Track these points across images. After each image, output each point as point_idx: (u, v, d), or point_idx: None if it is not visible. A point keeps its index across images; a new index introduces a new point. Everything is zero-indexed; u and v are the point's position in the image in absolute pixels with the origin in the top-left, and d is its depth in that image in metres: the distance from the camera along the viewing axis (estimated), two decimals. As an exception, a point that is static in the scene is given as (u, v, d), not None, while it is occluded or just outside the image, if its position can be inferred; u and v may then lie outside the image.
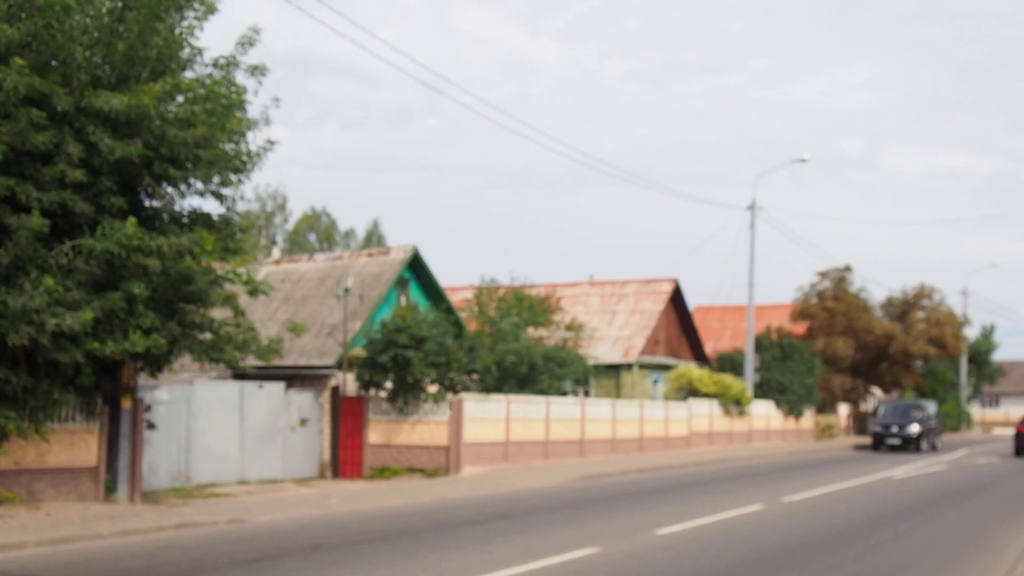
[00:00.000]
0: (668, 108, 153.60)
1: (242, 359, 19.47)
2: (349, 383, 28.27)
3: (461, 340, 28.63)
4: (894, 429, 43.48)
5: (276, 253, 36.63)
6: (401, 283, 32.62)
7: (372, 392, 27.23)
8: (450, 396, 27.28)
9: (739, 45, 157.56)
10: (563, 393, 36.53)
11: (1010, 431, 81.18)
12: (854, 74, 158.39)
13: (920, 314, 59.83)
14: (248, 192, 77.92)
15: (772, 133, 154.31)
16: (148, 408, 20.84)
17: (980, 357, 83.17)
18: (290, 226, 73.41)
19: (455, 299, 46.90)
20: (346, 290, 29.48)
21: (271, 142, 19.18)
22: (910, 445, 43.08)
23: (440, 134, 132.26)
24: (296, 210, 76.23)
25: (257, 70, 19.07)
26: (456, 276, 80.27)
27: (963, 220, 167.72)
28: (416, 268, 33.23)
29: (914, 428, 43.48)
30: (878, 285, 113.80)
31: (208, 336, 18.82)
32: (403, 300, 31.65)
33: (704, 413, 40.15)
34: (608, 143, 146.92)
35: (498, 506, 20.11)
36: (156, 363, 18.98)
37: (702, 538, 15.94)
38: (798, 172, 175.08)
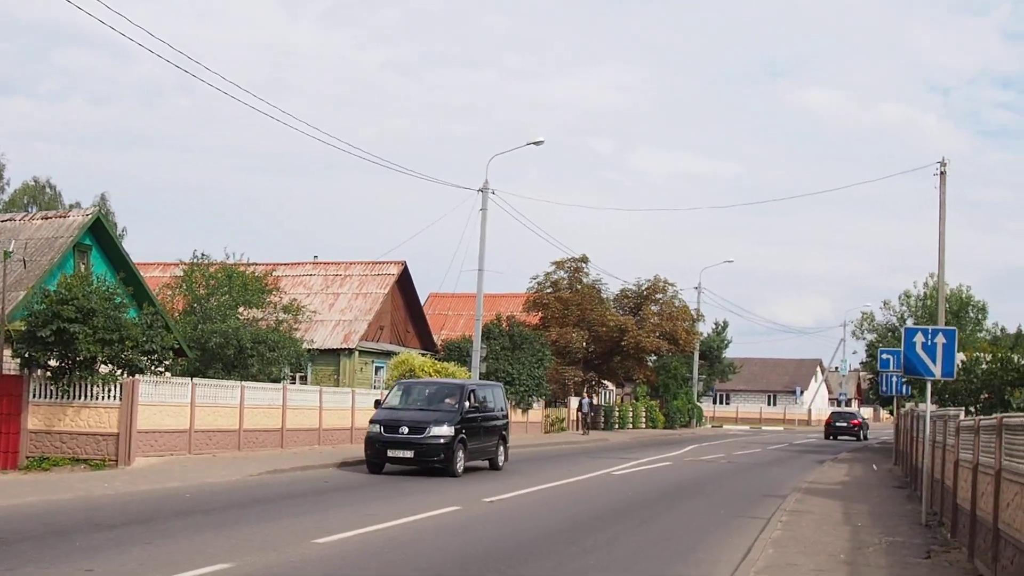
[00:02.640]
0: (424, 100, 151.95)
1: None
2: (7, 361, 24.50)
3: (142, 316, 25.13)
4: (402, 432, 23.89)
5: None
6: (80, 250, 28.67)
7: (37, 372, 23.59)
8: (123, 378, 23.82)
9: (495, 40, 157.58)
10: (276, 379, 33.38)
11: (740, 428, 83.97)
12: (605, 76, 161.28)
13: (654, 308, 59.52)
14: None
15: (525, 128, 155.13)
16: None
17: (712, 354, 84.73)
18: (6, 196, 67.65)
19: (167, 276, 43.00)
20: (6, 254, 25.41)
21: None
22: (429, 460, 23.81)
23: (193, 113, 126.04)
24: (17, 181, 70.16)
25: None
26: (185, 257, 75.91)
27: (702, 221, 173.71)
28: (99, 235, 29.30)
29: (439, 431, 23.92)
30: (614, 278, 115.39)
31: None
32: (82, 269, 27.79)
33: (425, 403, 37.77)
34: (365, 132, 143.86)
35: (150, 505, 16.85)
36: None
37: (369, 548, 13.27)
38: (549, 167, 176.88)
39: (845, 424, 60.81)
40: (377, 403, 26.50)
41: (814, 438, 62.93)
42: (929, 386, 18.47)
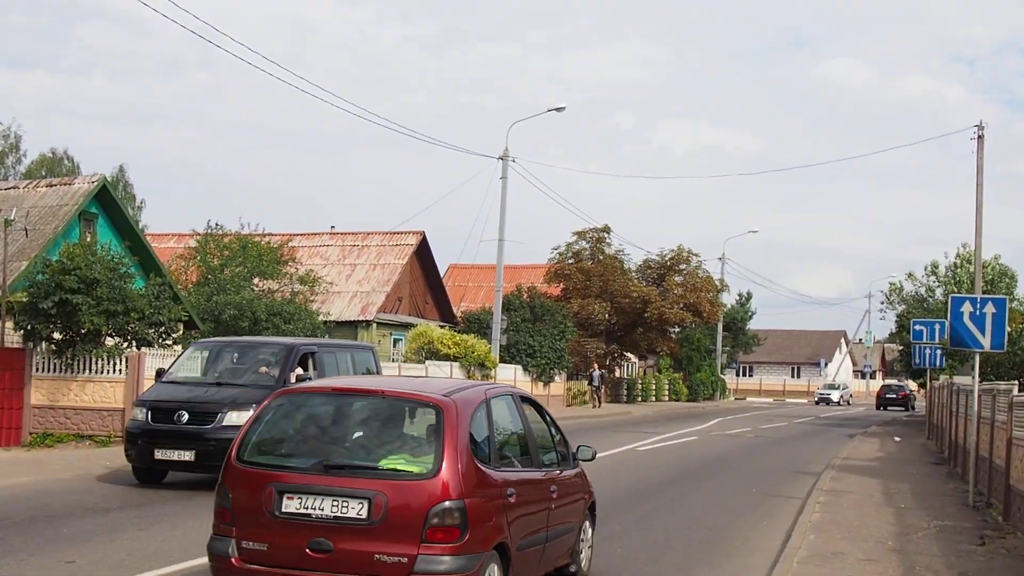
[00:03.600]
0: (445, 75, 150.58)
1: None
2: (9, 333, 23.66)
3: (149, 287, 24.18)
4: (179, 420, 15.89)
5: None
6: (86, 219, 27.77)
7: (41, 345, 22.85)
8: (129, 351, 22.93)
9: (516, 16, 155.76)
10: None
11: (764, 400, 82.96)
12: (627, 50, 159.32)
13: (677, 278, 58.28)
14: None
15: (546, 102, 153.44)
16: None
17: (736, 325, 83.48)
18: (23, 167, 67.36)
19: (181, 247, 42.12)
20: (7, 222, 24.49)
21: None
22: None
23: (212, 89, 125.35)
24: (35, 154, 69.99)
25: None
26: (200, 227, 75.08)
27: (726, 193, 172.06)
28: (106, 203, 28.37)
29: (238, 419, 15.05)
30: (637, 248, 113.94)
31: None
32: (88, 238, 26.89)
33: (444, 376, 36.76)
34: (383, 106, 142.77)
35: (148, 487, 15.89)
36: None
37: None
38: (570, 142, 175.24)
39: (895, 396, 67.88)
40: (160, 373, 18.25)
41: (839, 411, 61.83)
42: (977, 359, 17.33)
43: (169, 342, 24.10)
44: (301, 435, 8.12)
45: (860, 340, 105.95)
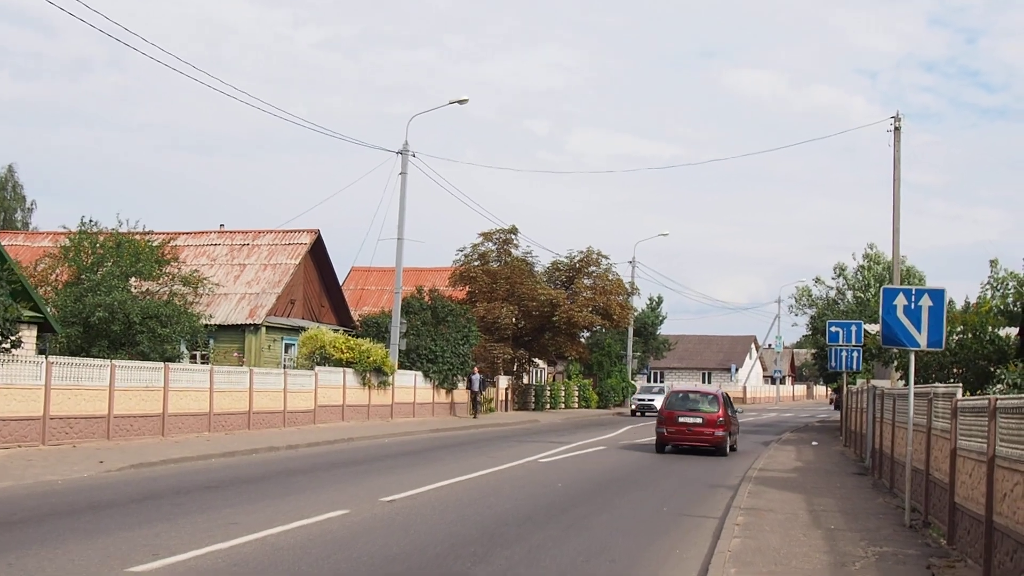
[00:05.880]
0: (360, 79, 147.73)
1: None
2: None
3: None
4: None
5: None
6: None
7: None
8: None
9: (434, 20, 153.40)
10: (170, 358, 29.74)
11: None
12: (544, 56, 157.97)
13: (587, 281, 56.32)
14: None
15: (464, 109, 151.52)
16: None
17: (647, 330, 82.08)
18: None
19: (55, 247, 38.91)
20: None
21: None
22: None
23: (122, 91, 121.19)
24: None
25: None
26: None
27: (637, 201, 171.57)
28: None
29: None
30: (545, 250, 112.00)
31: None
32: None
33: (336, 383, 34.21)
34: (296, 109, 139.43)
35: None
36: None
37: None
38: (485, 149, 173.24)
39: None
40: None
41: (751, 416, 60.55)
42: (912, 358, 15.48)
43: (7, 345, 21.28)
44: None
45: (770, 345, 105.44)
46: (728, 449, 28.81)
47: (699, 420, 28.47)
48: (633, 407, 58.11)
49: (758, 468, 24.05)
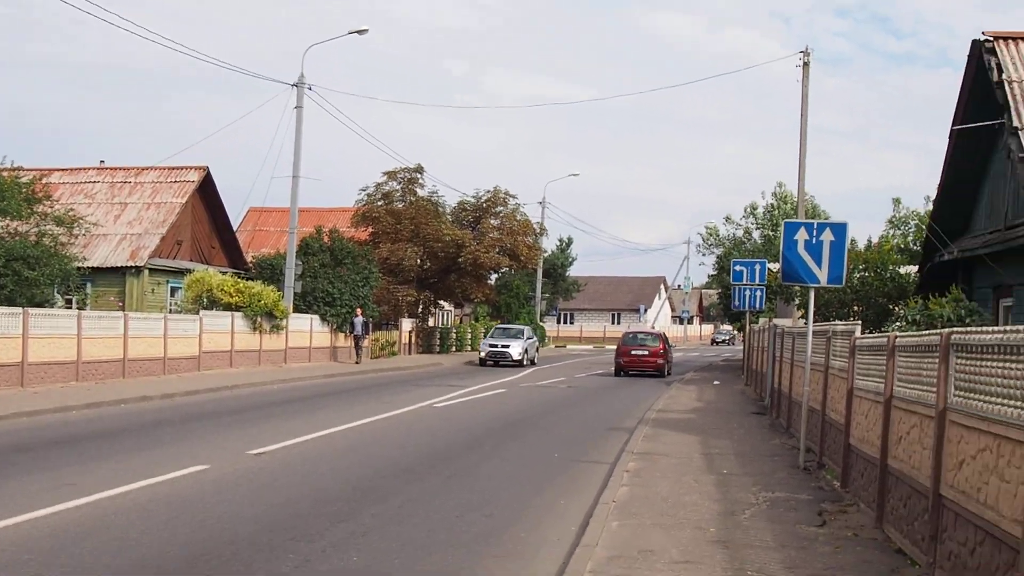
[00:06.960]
0: (264, 14, 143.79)
1: None
2: None
3: None
4: None
5: None
6: None
7: None
8: None
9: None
10: (43, 302, 27.99)
11: (584, 348, 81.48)
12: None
13: (494, 222, 55.04)
14: None
15: (373, 43, 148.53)
16: None
17: (556, 272, 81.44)
18: None
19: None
20: None
21: None
22: None
23: (15, 23, 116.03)
24: None
25: None
26: None
27: (551, 143, 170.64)
28: None
29: None
30: (452, 190, 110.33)
31: None
32: None
33: (223, 328, 32.68)
34: (201, 47, 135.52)
35: None
36: None
37: (43, 543, 8.81)
38: (400, 89, 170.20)
39: (724, 339, 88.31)
40: None
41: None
42: (812, 295, 14.71)
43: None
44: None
45: (679, 286, 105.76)
46: (667, 373, 39.01)
47: (646, 352, 39.08)
48: (482, 354, 44.91)
49: (657, 409, 23.40)
